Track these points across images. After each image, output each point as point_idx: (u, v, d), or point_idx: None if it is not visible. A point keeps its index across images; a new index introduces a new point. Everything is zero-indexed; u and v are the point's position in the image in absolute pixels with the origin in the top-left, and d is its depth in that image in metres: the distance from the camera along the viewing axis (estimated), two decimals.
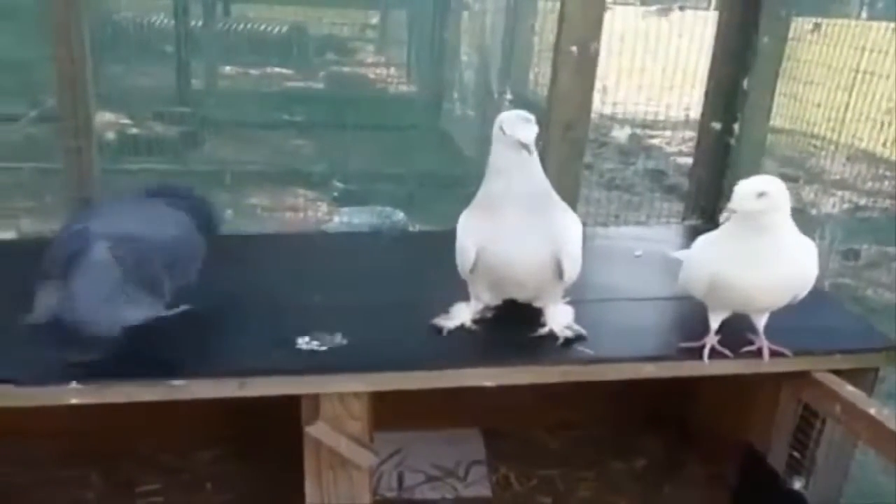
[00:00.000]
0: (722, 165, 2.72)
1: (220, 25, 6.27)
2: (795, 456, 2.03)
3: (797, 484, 2.02)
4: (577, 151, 2.61)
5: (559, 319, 1.86)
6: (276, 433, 1.92)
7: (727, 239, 1.77)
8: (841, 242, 2.61)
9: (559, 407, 2.44)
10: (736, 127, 2.66)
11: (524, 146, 1.67)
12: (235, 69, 6.04)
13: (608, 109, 4.00)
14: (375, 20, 6.93)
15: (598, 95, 2.70)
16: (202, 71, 5.84)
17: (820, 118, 2.57)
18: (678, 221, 3.00)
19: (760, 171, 2.65)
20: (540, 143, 1.81)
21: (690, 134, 3.97)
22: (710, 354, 1.81)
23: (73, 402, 1.60)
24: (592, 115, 2.72)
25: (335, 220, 3.52)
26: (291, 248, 2.41)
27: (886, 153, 2.50)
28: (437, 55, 5.26)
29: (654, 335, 1.95)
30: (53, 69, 2.60)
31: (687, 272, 1.89)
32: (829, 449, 1.98)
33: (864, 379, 1.90)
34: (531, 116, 1.71)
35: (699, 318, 1.89)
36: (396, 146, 4.96)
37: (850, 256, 2.96)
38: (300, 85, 6.02)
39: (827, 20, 2.58)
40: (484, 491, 2.37)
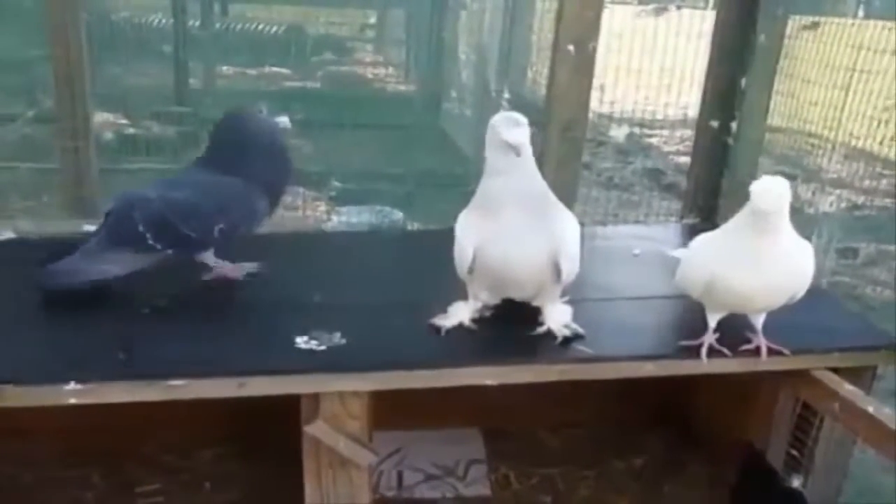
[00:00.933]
0: (720, 164, 2.72)
1: (217, 25, 6.26)
2: (794, 454, 2.03)
3: (796, 482, 2.03)
4: (575, 150, 2.61)
5: (557, 318, 1.86)
6: (276, 433, 1.92)
7: (725, 240, 1.77)
8: (839, 241, 2.61)
9: (559, 406, 2.44)
10: (734, 126, 2.66)
11: (512, 147, 1.69)
12: (233, 69, 6.04)
13: (606, 108, 4.00)
14: (373, 20, 6.93)
15: (595, 94, 2.70)
16: (200, 71, 5.83)
17: (817, 117, 2.57)
18: (676, 220, 3.00)
19: (758, 169, 2.66)
20: (538, 142, 1.81)
21: (688, 133, 3.98)
22: (708, 353, 1.81)
23: (71, 402, 1.60)
24: (590, 114, 2.72)
25: (334, 219, 3.51)
26: (290, 247, 2.41)
27: (884, 151, 2.50)
28: (435, 54, 5.27)
29: (652, 334, 1.95)
30: (51, 69, 2.60)
31: (684, 272, 1.90)
32: (827, 447, 1.99)
33: (862, 377, 1.90)
34: (522, 118, 1.72)
35: (697, 316, 1.89)
36: (395, 145, 4.95)
37: (847, 255, 2.97)
38: (298, 84, 6.02)
39: (824, 18, 2.59)
40: (483, 490, 2.37)
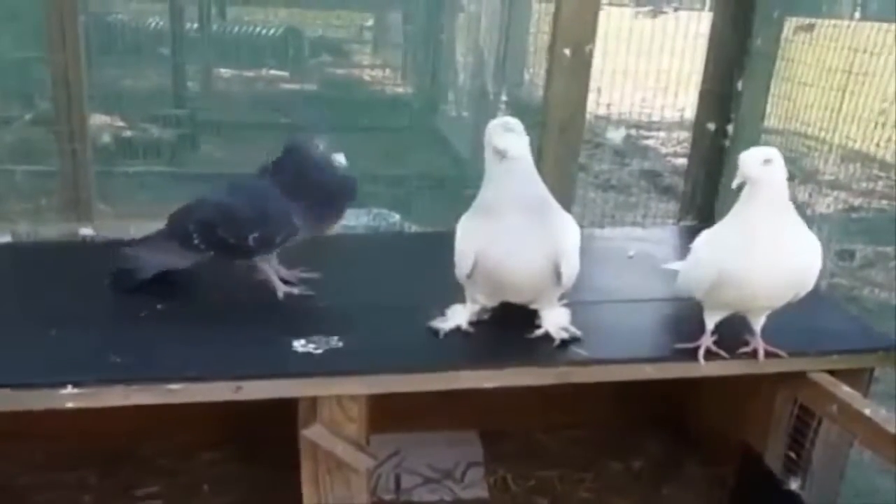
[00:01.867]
0: (717, 166, 2.72)
1: (215, 28, 6.25)
2: (792, 456, 2.03)
3: (794, 484, 2.03)
4: (572, 152, 2.61)
5: (555, 321, 1.86)
6: (274, 436, 1.92)
7: (729, 228, 1.77)
8: (836, 242, 2.61)
9: (557, 408, 2.44)
10: (730, 128, 2.66)
11: (499, 152, 1.71)
12: (231, 71, 6.02)
13: (603, 110, 3.99)
14: (370, 22, 6.92)
15: (592, 96, 2.70)
16: (197, 73, 5.82)
17: (813, 119, 2.56)
18: (674, 222, 3.00)
19: None
20: (535, 144, 1.81)
21: (685, 135, 3.97)
22: (705, 355, 1.81)
23: (68, 405, 1.60)
24: (587, 116, 2.72)
25: None
26: (287, 250, 2.40)
27: (880, 153, 2.50)
28: (432, 57, 5.25)
29: (650, 336, 1.96)
30: (48, 71, 2.60)
31: (689, 271, 1.89)
32: (825, 449, 1.99)
33: (859, 379, 1.91)
34: (516, 124, 1.73)
35: (695, 319, 1.89)
36: (392, 148, 4.94)
37: (845, 256, 2.97)
38: (295, 87, 6.01)
39: (820, 21, 2.58)
40: (481, 493, 2.37)
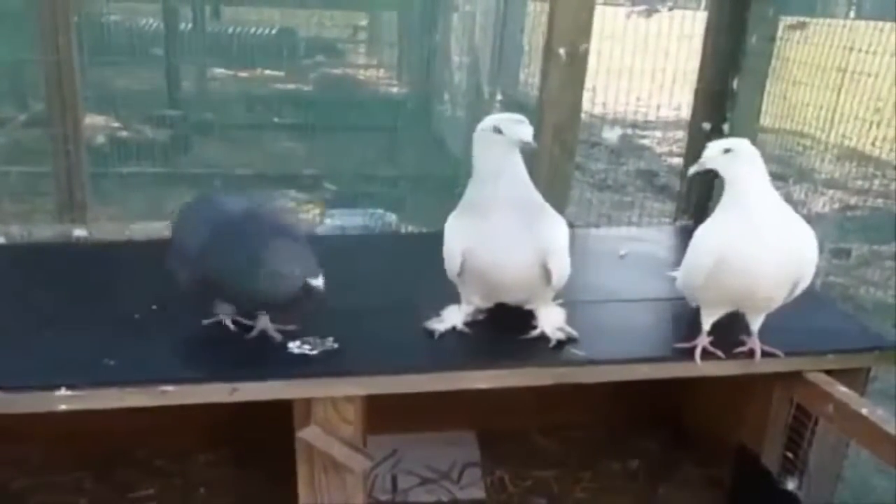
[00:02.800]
0: None
1: (209, 28, 6.24)
2: (789, 456, 2.03)
3: (790, 484, 2.03)
4: (567, 152, 2.61)
5: (551, 321, 1.86)
6: (270, 437, 1.91)
7: (721, 222, 1.77)
8: (831, 241, 2.62)
9: (553, 408, 2.44)
10: (726, 127, 2.66)
11: (527, 144, 1.68)
12: (225, 72, 6.02)
13: (598, 110, 3.99)
14: (365, 22, 6.92)
15: (588, 96, 2.70)
16: (192, 74, 5.82)
17: (809, 117, 2.57)
18: (670, 222, 3.00)
19: None
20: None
21: (681, 134, 3.98)
22: (702, 355, 1.81)
23: (62, 408, 1.59)
24: (582, 115, 2.72)
25: (326, 222, 3.50)
26: None
27: (875, 152, 2.51)
28: (427, 57, 5.25)
29: (646, 336, 1.95)
30: (42, 73, 2.59)
31: (688, 263, 1.88)
32: (821, 449, 1.99)
33: (856, 379, 1.91)
34: (522, 117, 1.71)
35: (692, 319, 1.89)
36: (387, 148, 4.95)
37: (840, 255, 2.97)
38: (290, 87, 6.01)
39: (815, 20, 2.59)
40: (478, 493, 2.37)
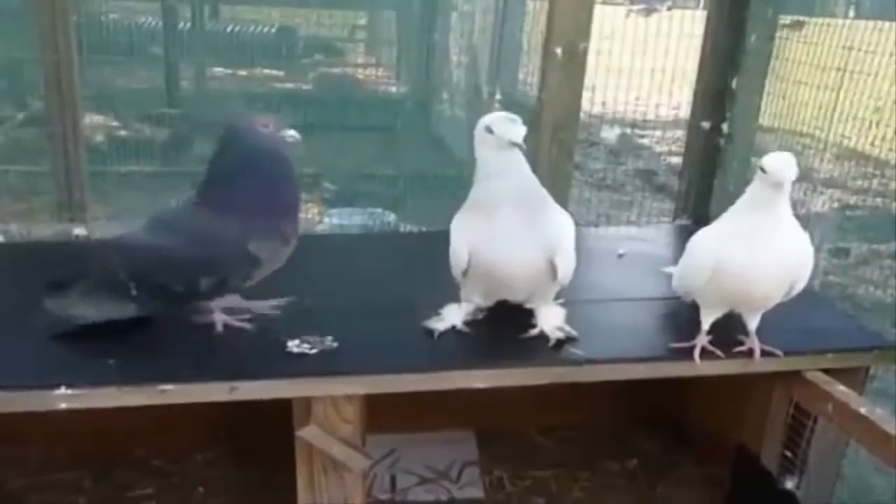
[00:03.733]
0: (712, 165, 2.73)
1: (208, 27, 6.24)
2: (788, 455, 2.03)
3: (790, 484, 2.03)
4: (566, 152, 2.61)
5: (551, 321, 1.86)
6: (268, 436, 1.91)
7: (728, 224, 1.78)
8: (830, 241, 2.61)
9: (552, 408, 2.44)
10: (725, 126, 2.66)
11: (516, 145, 1.68)
12: (224, 71, 6.01)
13: (597, 109, 3.99)
14: (364, 21, 6.91)
15: (587, 95, 2.70)
16: (191, 73, 5.81)
17: (808, 117, 2.57)
18: (669, 221, 3.00)
19: (749, 170, 2.66)
20: (530, 143, 1.80)
21: (680, 133, 3.97)
22: (701, 355, 1.81)
23: (61, 407, 1.59)
24: (582, 115, 2.72)
25: (325, 221, 3.50)
26: None
27: (875, 152, 2.50)
28: (426, 56, 5.25)
29: (645, 336, 1.95)
30: (40, 71, 2.59)
31: (687, 263, 1.89)
32: (820, 448, 1.99)
33: (855, 378, 1.91)
34: (515, 117, 1.71)
35: (690, 318, 1.89)
36: (386, 147, 4.94)
37: (839, 254, 2.97)
38: (289, 86, 6.00)
39: (814, 19, 2.59)
40: (477, 492, 2.37)
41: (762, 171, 1.69)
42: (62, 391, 1.58)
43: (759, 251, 1.72)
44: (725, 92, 2.64)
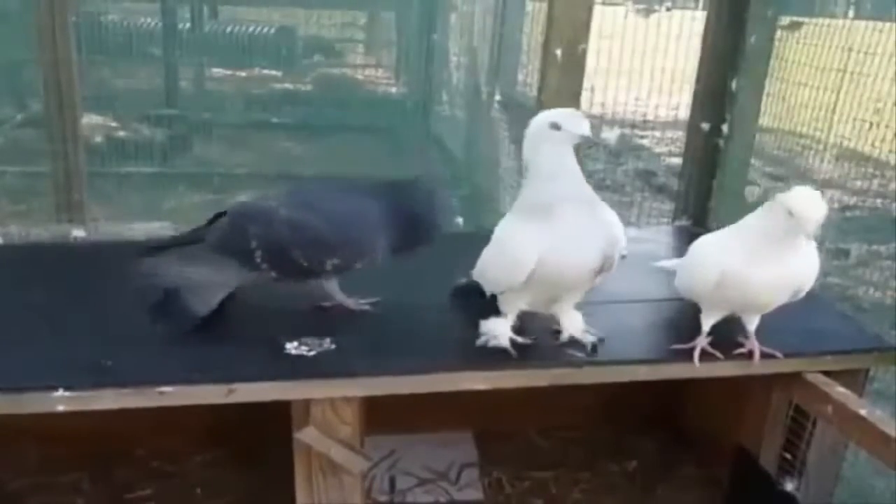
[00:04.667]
0: (711, 166, 2.72)
1: (207, 27, 6.24)
2: (787, 457, 2.03)
3: (789, 485, 2.02)
4: None
5: (577, 325, 1.82)
6: (268, 438, 1.91)
7: (741, 239, 1.76)
8: (830, 242, 2.61)
9: (551, 409, 2.44)
10: (725, 127, 2.66)
11: (587, 139, 1.65)
12: (223, 71, 6.02)
13: (597, 110, 3.99)
14: (363, 21, 6.91)
15: (586, 96, 2.70)
16: (190, 73, 5.82)
17: (808, 118, 2.56)
18: (668, 222, 3.00)
19: (749, 171, 2.66)
20: None
21: (679, 134, 3.98)
22: (700, 356, 1.81)
23: (60, 409, 1.59)
24: None
25: None
26: None
27: (875, 152, 2.50)
28: (425, 56, 5.25)
29: (645, 337, 1.95)
30: (39, 72, 2.58)
31: (691, 271, 1.88)
32: (820, 450, 1.98)
33: (854, 380, 1.90)
34: (576, 110, 1.69)
35: (690, 320, 1.89)
36: (385, 148, 4.95)
37: (839, 255, 2.96)
38: (289, 87, 6.01)
39: (814, 20, 2.58)
40: (476, 494, 2.36)
41: (789, 214, 1.63)
42: (61, 393, 1.58)
43: (768, 268, 1.72)
44: (725, 93, 2.64)
